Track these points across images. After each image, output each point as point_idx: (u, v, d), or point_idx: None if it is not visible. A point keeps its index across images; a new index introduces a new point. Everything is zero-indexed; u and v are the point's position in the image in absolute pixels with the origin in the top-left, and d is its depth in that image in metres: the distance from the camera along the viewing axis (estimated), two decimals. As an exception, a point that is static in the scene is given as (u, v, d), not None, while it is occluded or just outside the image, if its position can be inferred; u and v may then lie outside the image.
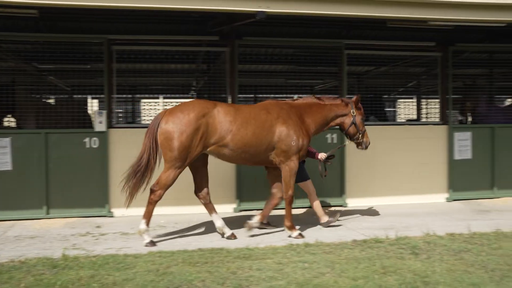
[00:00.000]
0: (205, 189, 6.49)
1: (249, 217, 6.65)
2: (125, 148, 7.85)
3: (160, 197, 6.09)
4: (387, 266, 4.78)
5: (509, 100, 15.79)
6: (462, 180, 9.38)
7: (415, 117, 15.96)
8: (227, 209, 8.33)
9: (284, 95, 15.72)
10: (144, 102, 21.05)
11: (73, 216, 7.88)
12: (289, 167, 6.38)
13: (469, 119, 10.91)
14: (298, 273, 4.63)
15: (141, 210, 6.14)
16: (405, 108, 18.70)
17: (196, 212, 7.84)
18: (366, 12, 7.35)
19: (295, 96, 7.70)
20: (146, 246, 5.93)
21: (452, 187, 9.32)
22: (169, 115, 6.14)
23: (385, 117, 12.74)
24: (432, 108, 13.66)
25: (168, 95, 19.44)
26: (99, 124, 8.00)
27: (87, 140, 8.00)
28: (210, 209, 6.50)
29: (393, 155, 9.10)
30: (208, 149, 6.19)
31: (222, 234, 6.41)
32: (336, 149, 7.83)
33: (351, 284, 4.28)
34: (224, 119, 6.18)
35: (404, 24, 8.09)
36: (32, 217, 7.70)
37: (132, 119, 17.71)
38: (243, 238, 6.30)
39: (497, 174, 9.51)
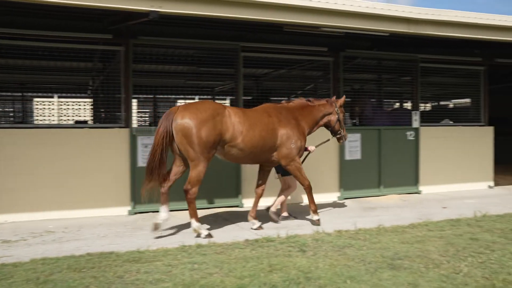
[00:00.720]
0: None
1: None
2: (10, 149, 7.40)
3: (195, 194, 6.37)
4: (274, 264, 4.92)
5: (396, 104, 16.88)
6: (352, 179, 9.89)
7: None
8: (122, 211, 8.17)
9: (184, 96, 15.65)
10: (37, 102, 19.90)
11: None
12: (295, 167, 7.06)
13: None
14: (186, 275, 4.62)
15: (24, 216, 5.82)
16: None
17: (88, 216, 7.57)
18: (262, 16, 7.51)
19: (284, 100, 8.05)
20: (206, 237, 6.29)
21: (344, 186, 9.79)
22: (184, 111, 6.32)
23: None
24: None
25: (64, 95, 18.59)
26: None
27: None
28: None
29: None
30: (219, 147, 6.51)
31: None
32: (322, 143, 8.10)
33: (237, 283, 4.35)
34: (235, 121, 6.55)
35: (299, 29, 8.37)
36: None
37: (23, 118, 16.71)
38: (135, 241, 6.18)
39: (383, 173, 10.14)
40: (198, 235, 6.37)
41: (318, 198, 9.44)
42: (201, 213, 8.21)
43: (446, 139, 10.90)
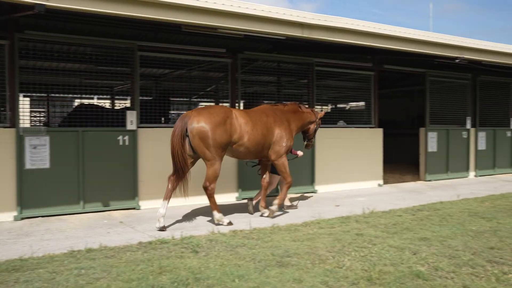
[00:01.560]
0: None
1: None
2: None
3: (214, 190, 7.17)
4: (165, 266, 4.86)
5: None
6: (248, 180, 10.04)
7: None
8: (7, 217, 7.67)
9: (81, 96, 15.04)
10: None
11: None
12: (282, 163, 7.87)
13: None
14: (70, 281, 4.43)
15: None
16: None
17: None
18: (158, 15, 7.42)
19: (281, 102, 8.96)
20: (227, 225, 7.14)
21: (242, 187, 9.91)
22: (199, 116, 7.02)
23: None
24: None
25: None
26: None
27: None
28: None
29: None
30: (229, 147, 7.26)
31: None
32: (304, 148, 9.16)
33: (124, 286, 4.24)
34: (241, 122, 7.34)
35: (197, 30, 8.34)
36: None
37: None
38: (19, 248, 5.82)
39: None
40: (221, 224, 7.20)
41: (219, 198, 9.54)
42: (94, 216, 7.98)
43: (340, 140, 11.42)
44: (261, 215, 7.90)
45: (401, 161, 16.78)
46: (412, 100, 18.13)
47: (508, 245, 5.77)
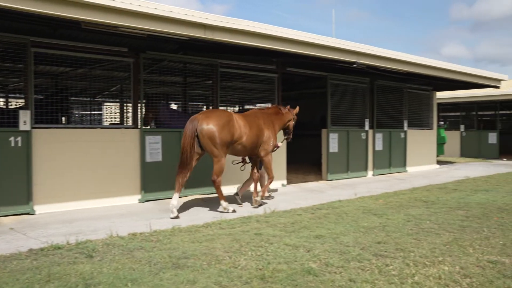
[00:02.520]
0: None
1: None
2: None
3: (220, 182, 8.41)
4: (54, 273, 4.65)
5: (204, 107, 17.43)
6: (154, 181, 9.89)
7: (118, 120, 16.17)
8: None
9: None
10: None
11: None
12: (268, 160, 9.17)
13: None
14: None
15: None
16: (112, 112, 18.80)
17: None
18: (54, 11, 7.12)
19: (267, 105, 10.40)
20: (232, 212, 8.40)
21: (144, 188, 9.74)
22: (207, 118, 8.22)
23: (79, 120, 12.51)
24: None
25: None
26: None
27: None
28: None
29: (87, 158, 9.01)
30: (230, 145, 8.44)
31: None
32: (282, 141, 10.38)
33: (6, 297, 4.03)
34: (241, 124, 8.59)
35: (98, 28, 8.08)
36: None
37: None
38: None
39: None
40: (226, 212, 8.42)
41: (119, 201, 9.35)
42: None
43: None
44: (253, 204, 9.11)
45: (305, 162, 17.34)
46: (316, 102, 18.79)
47: (393, 239, 6.15)
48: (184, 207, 9.07)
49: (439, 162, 19.98)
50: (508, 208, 8.51)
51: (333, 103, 13.74)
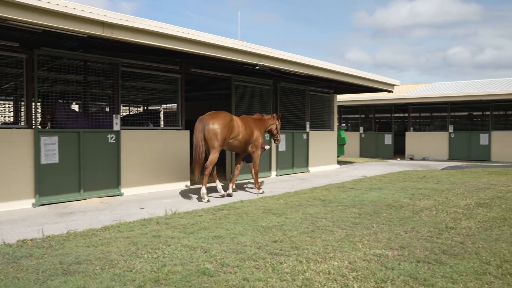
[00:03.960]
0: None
1: None
2: None
3: (210, 171, 10.11)
4: None
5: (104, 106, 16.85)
6: (50, 184, 9.43)
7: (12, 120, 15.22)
8: None
9: None
10: None
11: None
12: (257, 155, 11.29)
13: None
14: None
15: None
16: (3, 110, 17.65)
17: None
18: None
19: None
20: (207, 202, 9.80)
21: (39, 192, 9.25)
22: (213, 119, 10.05)
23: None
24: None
25: None
26: None
27: None
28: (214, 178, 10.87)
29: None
30: (228, 141, 10.38)
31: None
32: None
33: None
34: (239, 124, 10.58)
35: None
36: None
37: None
38: None
39: (83, 176, 9.96)
40: (202, 201, 9.91)
41: (10, 206, 8.80)
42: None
43: (146, 142, 11.37)
44: (228, 194, 10.83)
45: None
46: (222, 104, 18.88)
47: (289, 238, 6.35)
48: (82, 211, 8.74)
49: (340, 162, 20.90)
50: (396, 204, 9.09)
51: (237, 104, 13.89)
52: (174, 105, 17.52)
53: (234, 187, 11.25)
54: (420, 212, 8.26)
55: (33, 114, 9.29)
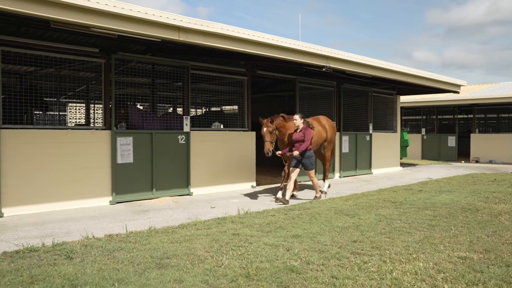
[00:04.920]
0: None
1: None
2: None
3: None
4: (36, 275, 4.60)
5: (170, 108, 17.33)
6: (125, 183, 9.83)
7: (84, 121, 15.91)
8: None
9: None
10: None
11: None
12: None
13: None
14: None
15: None
16: (76, 113, 18.46)
17: None
18: (23, 8, 6.97)
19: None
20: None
21: (116, 190, 9.66)
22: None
23: (48, 121, 12.27)
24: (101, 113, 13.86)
25: None
26: None
27: None
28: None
29: (56, 160, 8.87)
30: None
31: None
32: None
33: (-9, 299, 3.97)
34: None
35: (68, 27, 7.97)
36: None
37: None
38: None
39: (155, 176, 10.32)
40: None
41: (89, 203, 9.24)
42: None
43: (215, 143, 11.62)
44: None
45: (273, 164, 17.45)
46: (283, 105, 19.00)
47: (368, 238, 6.34)
48: (156, 209, 9.06)
49: (402, 164, 20.54)
50: (471, 207, 8.86)
51: (301, 106, 13.94)
52: (235, 107, 17.82)
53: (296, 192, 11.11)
54: (499, 216, 8.02)
55: (110, 116, 9.71)
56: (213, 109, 20.50)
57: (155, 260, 5.19)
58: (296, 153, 9.83)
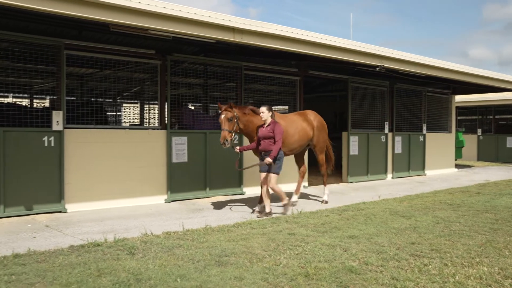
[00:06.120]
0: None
1: None
2: None
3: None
4: (103, 268, 4.79)
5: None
6: (180, 182, 10.03)
7: (138, 121, 16.33)
8: None
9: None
10: None
11: None
12: None
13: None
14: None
15: None
16: (130, 113, 18.96)
17: None
18: (86, 13, 7.23)
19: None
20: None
21: (170, 188, 9.87)
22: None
23: (106, 121, 12.67)
24: (155, 113, 14.20)
25: None
26: None
27: None
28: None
29: (114, 158, 9.16)
30: None
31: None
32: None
33: (63, 290, 4.15)
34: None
35: (126, 30, 8.22)
36: None
37: None
38: None
39: (208, 175, 10.47)
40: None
41: (146, 201, 9.49)
42: (16, 220, 7.64)
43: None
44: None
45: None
46: (333, 106, 18.87)
47: (426, 240, 6.22)
48: (210, 208, 9.19)
49: (457, 166, 19.95)
50: (535, 211, 8.53)
51: (353, 106, 13.81)
52: (286, 107, 17.82)
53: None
54: None
55: (166, 116, 9.94)
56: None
57: (214, 258, 5.28)
58: (268, 160, 8.08)
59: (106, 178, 9.04)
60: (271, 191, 8.45)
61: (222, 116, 8.20)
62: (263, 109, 8.30)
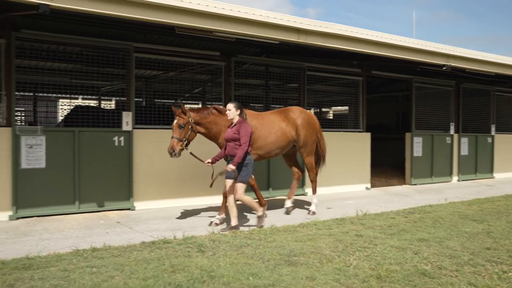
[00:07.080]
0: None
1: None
2: None
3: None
4: (176, 265, 4.92)
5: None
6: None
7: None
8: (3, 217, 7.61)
9: (68, 95, 14.90)
10: None
11: None
12: None
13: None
14: (86, 278, 4.45)
15: None
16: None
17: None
18: (154, 17, 7.46)
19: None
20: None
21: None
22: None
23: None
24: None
25: None
26: None
27: None
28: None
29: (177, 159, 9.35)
30: None
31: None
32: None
33: (141, 284, 4.29)
34: None
35: (192, 32, 8.39)
36: None
37: None
38: (21, 247, 5.81)
39: (272, 177, 10.51)
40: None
41: (213, 200, 9.63)
42: (90, 216, 7.98)
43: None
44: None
45: (385, 165, 17.06)
46: (395, 106, 18.48)
47: (503, 246, 5.98)
48: (269, 208, 9.23)
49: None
50: None
51: (417, 106, 13.46)
52: (345, 107, 17.63)
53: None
54: None
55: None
56: (323, 109, 20.48)
57: (283, 257, 5.30)
58: (230, 167, 6.93)
59: (171, 177, 9.22)
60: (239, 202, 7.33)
61: (174, 122, 7.34)
62: (230, 106, 7.23)
